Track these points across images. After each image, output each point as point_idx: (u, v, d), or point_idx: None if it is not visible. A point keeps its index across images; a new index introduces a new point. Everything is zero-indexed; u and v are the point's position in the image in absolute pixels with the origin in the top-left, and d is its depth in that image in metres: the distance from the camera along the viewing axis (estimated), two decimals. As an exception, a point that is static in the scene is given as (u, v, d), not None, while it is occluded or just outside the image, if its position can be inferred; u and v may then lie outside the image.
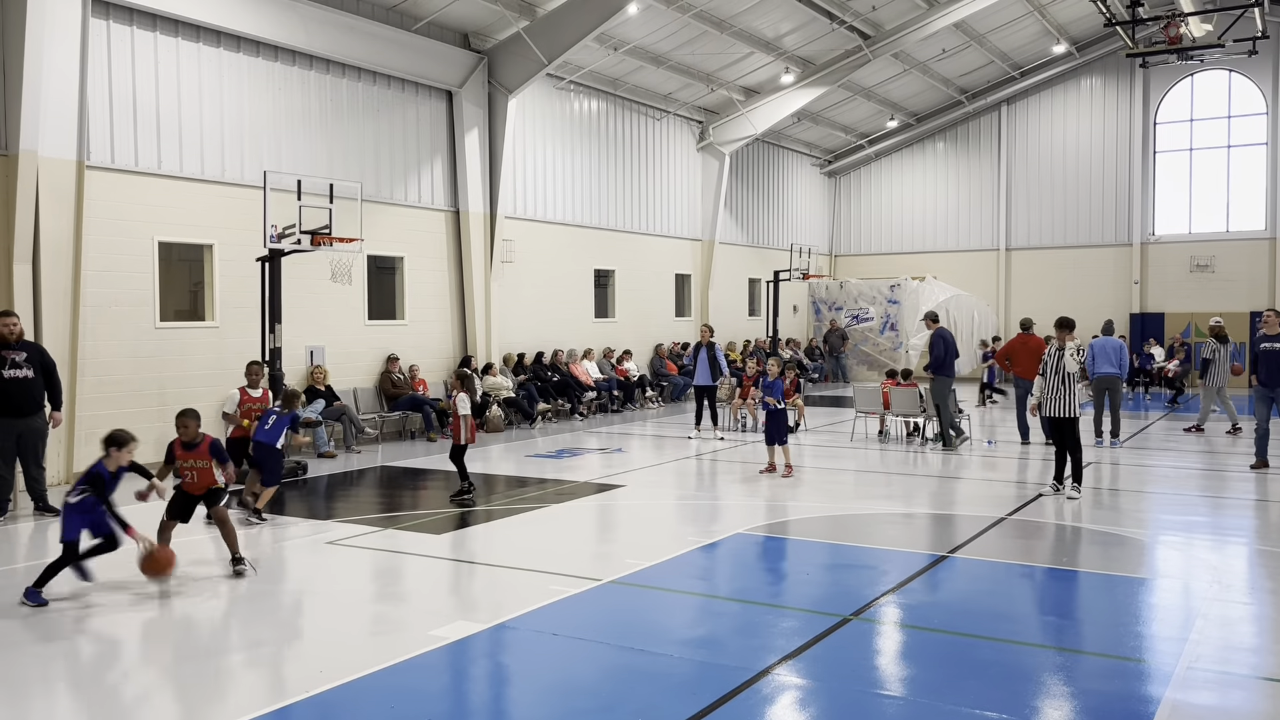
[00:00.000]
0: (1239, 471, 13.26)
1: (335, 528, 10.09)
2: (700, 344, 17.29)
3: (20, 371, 10.48)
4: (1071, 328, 11.67)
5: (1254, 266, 27.32)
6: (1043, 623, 7.05)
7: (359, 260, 16.00)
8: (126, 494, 8.05)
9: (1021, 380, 15.91)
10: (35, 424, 10.70)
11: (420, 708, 5.46)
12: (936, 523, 10.37)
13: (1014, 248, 30.61)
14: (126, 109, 13.72)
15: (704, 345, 17.17)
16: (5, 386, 10.36)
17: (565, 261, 21.71)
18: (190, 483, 8.27)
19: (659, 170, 24.81)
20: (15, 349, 10.46)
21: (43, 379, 10.68)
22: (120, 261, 13.63)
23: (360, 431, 15.99)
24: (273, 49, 15.58)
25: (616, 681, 5.85)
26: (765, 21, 21.88)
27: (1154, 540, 9.49)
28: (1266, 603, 7.44)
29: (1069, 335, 11.54)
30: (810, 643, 6.41)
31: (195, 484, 8.28)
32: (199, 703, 5.64)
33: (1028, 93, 30.00)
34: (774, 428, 13.12)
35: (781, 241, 29.60)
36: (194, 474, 8.26)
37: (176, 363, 14.24)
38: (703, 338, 17.33)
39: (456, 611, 7.36)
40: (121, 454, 7.75)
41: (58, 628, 7.00)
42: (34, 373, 10.57)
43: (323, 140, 16.42)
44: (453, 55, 18.33)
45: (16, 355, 10.45)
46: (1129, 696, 5.59)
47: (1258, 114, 27.34)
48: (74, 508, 7.59)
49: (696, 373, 17.28)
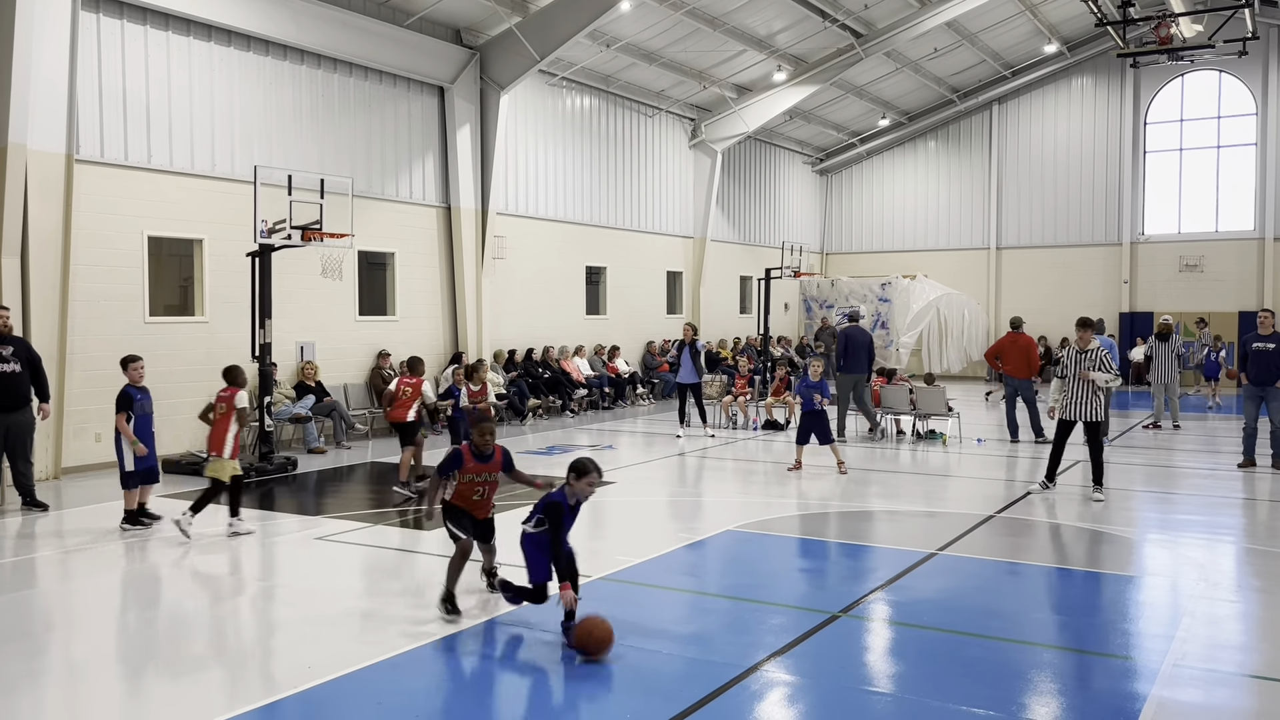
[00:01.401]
0: (1226, 470, 13.32)
1: (324, 523, 10.07)
2: (683, 342, 17.26)
3: (7, 366, 10.40)
4: (1094, 328, 11.30)
5: (1243, 266, 27.44)
6: (1031, 620, 7.07)
7: (350, 256, 15.97)
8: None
9: (1011, 379, 15.96)
10: (23, 419, 10.62)
11: (408, 704, 5.46)
12: (925, 520, 10.40)
13: (1004, 246, 30.69)
14: (116, 102, 13.66)
15: (687, 344, 17.14)
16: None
17: (557, 258, 21.69)
18: (479, 501, 6.97)
19: (651, 167, 24.80)
20: (2, 343, 10.41)
21: (29, 373, 10.61)
22: (110, 256, 13.58)
23: (350, 427, 15.96)
24: (264, 43, 15.53)
25: (606, 677, 5.85)
26: (758, 19, 21.89)
27: (1141, 538, 9.53)
28: (1253, 601, 7.48)
29: (1091, 335, 11.18)
30: (799, 639, 6.43)
31: (484, 502, 7.01)
32: (187, 698, 5.63)
33: (1019, 92, 30.06)
34: (817, 428, 13.03)
35: (773, 239, 29.62)
36: (485, 490, 6.96)
37: (166, 357, 14.18)
38: (685, 336, 17.31)
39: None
40: (580, 484, 6.49)
41: (55, 622, 6.97)
42: (20, 367, 10.50)
43: (314, 135, 16.37)
44: (445, 51, 18.29)
45: (4, 350, 10.39)
46: (1116, 693, 5.61)
47: (1247, 115, 27.44)
48: (533, 541, 6.52)
49: (680, 371, 17.27)
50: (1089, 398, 10.98)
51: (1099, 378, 10.85)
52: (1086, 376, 10.90)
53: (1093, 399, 10.97)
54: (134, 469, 9.65)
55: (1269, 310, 13.64)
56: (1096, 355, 10.99)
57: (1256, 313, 13.80)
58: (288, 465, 13.28)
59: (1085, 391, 10.98)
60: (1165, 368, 17.50)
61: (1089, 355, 11.03)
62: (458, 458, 6.89)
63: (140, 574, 8.28)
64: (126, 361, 9.93)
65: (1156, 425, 17.78)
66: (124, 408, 9.60)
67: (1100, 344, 11.30)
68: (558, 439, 16.57)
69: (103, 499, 11.38)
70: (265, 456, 13.13)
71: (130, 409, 9.62)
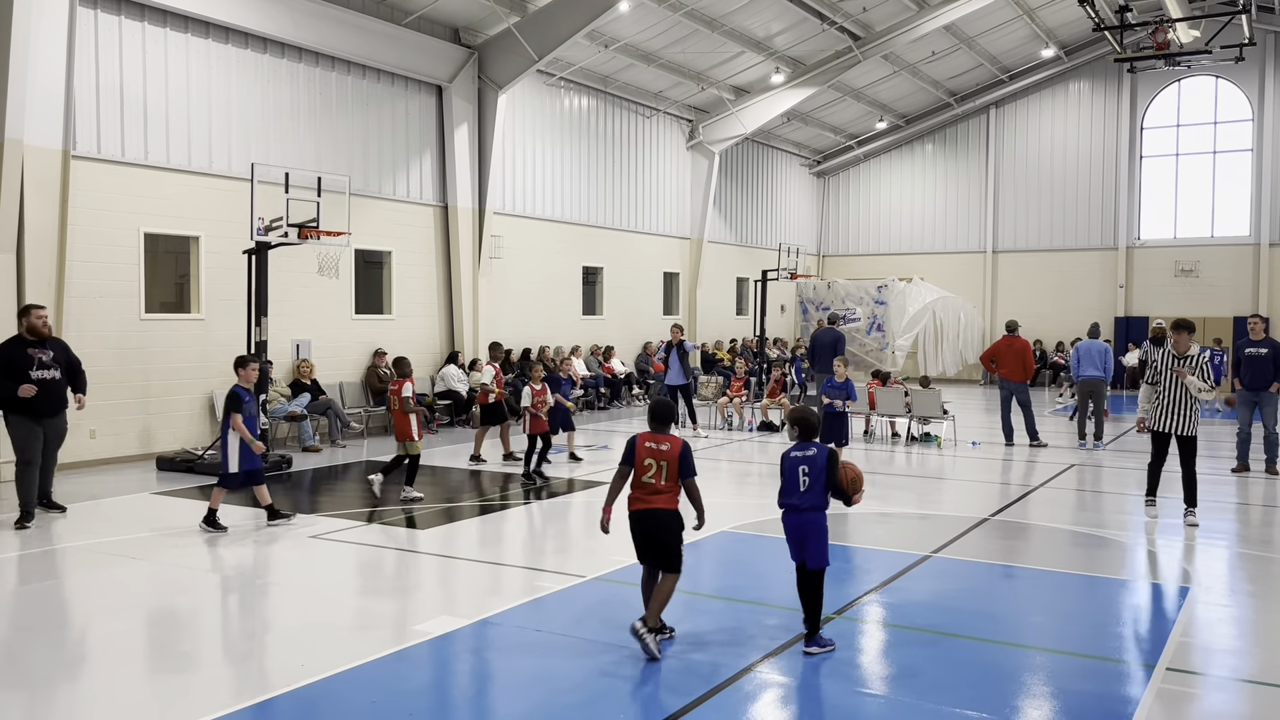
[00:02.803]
0: (1220, 475, 13.34)
1: (319, 522, 10.06)
2: (671, 343, 17.25)
3: (49, 372, 9.90)
4: (1192, 330, 10.04)
5: (1238, 272, 27.50)
6: (1024, 623, 7.08)
7: (346, 254, 15.95)
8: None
9: (1006, 382, 15.98)
10: (60, 425, 10.24)
11: (402, 702, 5.45)
12: (920, 522, 10.41)
13: (1001, 250, 30.74)
14: (113, 99, 13.63)
15: (675, 345, 17.13)
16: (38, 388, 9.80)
17: (554, 258, 21.69)
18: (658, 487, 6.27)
19: (648, 168, 24.81)
20: (44, 347, 9.91)
21: (67, 378, 10.18)
22: (105, 252, 13.56)
23: (345, 426, 15.95)
24: (262, 41, 15.51)
25: (599, 677, 5.85)
26: (756, 21, 21.90)
27: (1135, 542, 9.54)
28: (1246, 605, 7.50)
29: (1189, 339, 9.94)
30: (793, 640, 6.43)
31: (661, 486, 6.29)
32: (180, 696, 5.62)
33: (1016, 96, 30.12)
34: (835, 429, 12.92)
35: (770, 241, 29.64)
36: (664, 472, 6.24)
37: (161, 354, 14.17)
38: (673, 337, 17.30)
39: (440, 606, 7.35)
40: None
41: (54, 619, 6.96)
42: (61, 373, 10.03)
43: (311, 133, 16.36)
44: (443, 50, 18.28)
45: (44, 355, 9.87)
46: (1109, 697, 5.62)
47: (1244, 120, 27.51)
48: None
49: (669, 373, 17.27)
50: (1185, 408, 9.84)
51: (1194, 384, 9.73)
52: (1185, 379, 9.76)
53: (1188, 409, 9.84)
54: (238, 469, 9.58)
55: (1259, 316, 13.70)
56: (1198, 362, 9.83)
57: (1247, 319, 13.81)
58: (283, 463, 13.25)
59: (1182, 401, 9.85)
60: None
61: (1188, 361, 9.83)
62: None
63: (138, 571, 8.26)
64: (242, 361, 9.93)
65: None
66: (235, 408, 9.54)
67: (1200, 351, 9.99)
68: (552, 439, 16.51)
69: (98, 495, 11.36)
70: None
71: (240, 409, 9.56)
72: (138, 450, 13.96)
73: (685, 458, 6.25)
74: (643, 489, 6.28)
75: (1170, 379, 9.89)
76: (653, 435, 6.34)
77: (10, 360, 9.72)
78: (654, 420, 6.47)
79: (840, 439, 13.04)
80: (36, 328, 9.86)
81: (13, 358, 9.74)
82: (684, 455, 6.25)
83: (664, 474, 6.22)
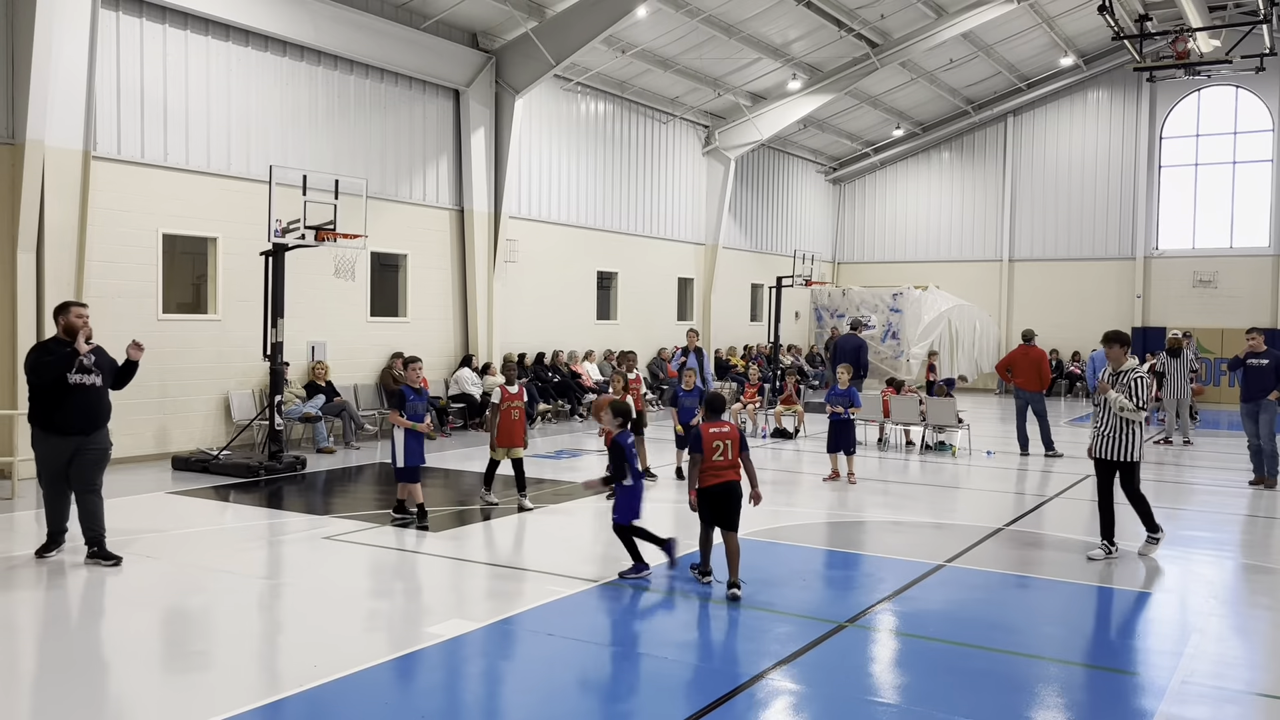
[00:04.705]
0: (1236, 486, 13.25)
1: (333, 523, 10.09)
2: (688, 349, 17.17)
3: (90, 377, 8.25)
4: (1126, 343, 9.17)
5: (1257, 283, 27.32)
6: (1038, 634, 7.04)
7: (362, 257, 16.01)
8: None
9: (1022, 391, 15.92)
10: (100, 442, 8.44)
11: (414, 704, 5.46)
12: (934, 531, 10.37)
13: (1017, 259, 30.62)
14: (134, 100, 13.74)
15: (692, 350, 17.05)
16: (71, 396, 8.16)
17: (568, 263, 21.72)
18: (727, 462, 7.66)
19: (664, 173, 24.83)
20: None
21: (109, 383, 8.54)
22: (124, 252, 13.65)
23: (360, 428, 16.00)
24: (281, 44, 15.61)
25: (611, 683, 5.85)
26: (773, 27, 21.90)
27: (1150, 554, 9.47)
28: (1261, 619, 7.44)
29: (1124, 353, 9.07)
30: (805, 648, 6.41)
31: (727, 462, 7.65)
32: (192, 695, 5.64)
33: (1034, 104, 30.01)
34: (842, 436, 13.02)
35: (785, 248, 29.60)
36: (729, 450, 7.66)
37: (178, 355, 14.25)
38: (690, 343, 17.23)
39: (452, 609, 7.36)
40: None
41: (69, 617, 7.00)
42: (103, 380, 8.39)
43: (329, 136, 16.44)
44: (461, 54, 18.35)
45: (86, 358, 8.25)
46: (1123, 709, 5.59)
47: (1264, 130, 27.34)
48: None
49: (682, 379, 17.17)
50: (1119, 432, 8.89)
51: (1115, 399, 8.80)
52: (1107, 395, 8.89)
53: (1126, 434, 8.87)
54: (404, 465, 9.99)
55: (1258, 330, 13.64)
56: (1128, 378, 8.91)
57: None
58: (297, 464, 13.30)
59: (1116, 423, 8.91)
60: (1177, 383, 17.52)
61: (1121, 377, 8.94)
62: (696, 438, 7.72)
63: (152, 571, 8.30)
64: (407, 362, 10.46)
65: (1168, 440, 17.76)
66: (397, 405, 10.08)
67: (1135, 364, 9.10)
68: (566, 443, 16.57)
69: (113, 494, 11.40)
70: (274, 455, 13.16)
71: (403, 408, 10.01)
72: (154, 450, 14.04)
73: (743, 436, 7.79)
74: (714, 467, 7.58)
75: (1103, 398, 8.94)
76: (713, 423, 7.68)
77: (38, 366, 8.10)
78: (710, 411, 7.87)
79: (847, 446, 13.03)
80: (75, 327, 8.23)
81: (43, 364, 8.10)
82: (742, 434, 7.78)
83: (730, 451, 7.59)
